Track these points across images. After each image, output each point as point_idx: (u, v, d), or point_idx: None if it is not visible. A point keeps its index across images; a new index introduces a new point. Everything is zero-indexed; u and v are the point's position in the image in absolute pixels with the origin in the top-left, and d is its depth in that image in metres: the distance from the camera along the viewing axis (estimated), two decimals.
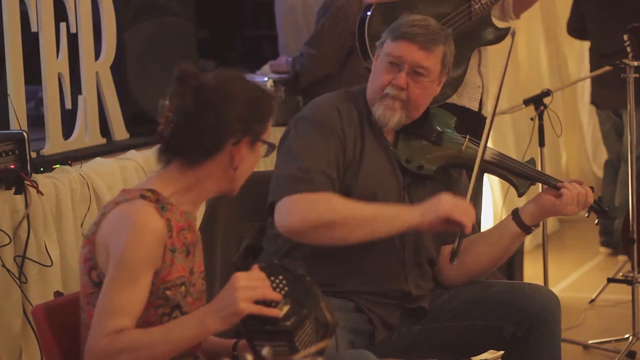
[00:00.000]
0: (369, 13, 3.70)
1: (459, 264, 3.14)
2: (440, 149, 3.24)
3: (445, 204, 2.98)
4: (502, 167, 3.26)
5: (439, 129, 3.26)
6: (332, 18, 5.00)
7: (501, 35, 3.85)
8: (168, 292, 2.55)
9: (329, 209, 2.97)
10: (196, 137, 2.55)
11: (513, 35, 3.24)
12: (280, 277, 2.57)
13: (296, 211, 2.98)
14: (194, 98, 2.55)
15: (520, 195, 3.27)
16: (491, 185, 6.40)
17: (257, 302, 2.46)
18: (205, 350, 2.73)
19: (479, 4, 3.77)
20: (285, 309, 2.52)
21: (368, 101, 3.19)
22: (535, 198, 3.22)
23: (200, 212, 3.43)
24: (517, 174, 3.26)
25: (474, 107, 3.98)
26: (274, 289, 2.53)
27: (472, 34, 3.83)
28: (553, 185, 3.20)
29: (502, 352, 3.24)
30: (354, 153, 3.12)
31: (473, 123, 3.81)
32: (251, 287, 2.46)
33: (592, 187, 3.22)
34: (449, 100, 3.75)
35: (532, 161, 3.31)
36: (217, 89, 2.57)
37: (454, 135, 3.26)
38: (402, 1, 3.72)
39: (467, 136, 3.26)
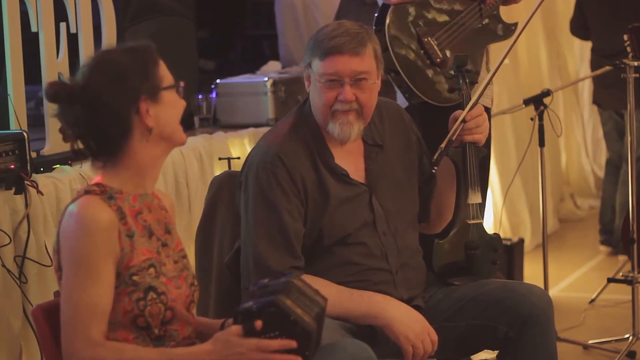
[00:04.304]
0: (383, 15, 3.72)
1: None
2: None
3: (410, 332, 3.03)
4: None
5: None
6: None
7: (510, 30, 3.90)
8: (135, 278, 2.56)
9: None
10: (102, 136, 2.57)
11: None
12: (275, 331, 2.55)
13: None
14: (72, 107, 2.55)
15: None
16: (491, 185, 6.39)
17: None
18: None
19: (489, 1, 3.83)
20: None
21: (319, 123, 3.13)
22: None
23: (197, 214, 3.45)
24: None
25: (487, 103, 3.99)
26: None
27: (483, 32, 3.87)
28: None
29: (497, 352, 3.24)
30: (314, 198, 3.09)
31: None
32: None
33: None
34: None
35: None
36: (86, 84, 2.55)
37: None
38: (418, 2, 3.75)
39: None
